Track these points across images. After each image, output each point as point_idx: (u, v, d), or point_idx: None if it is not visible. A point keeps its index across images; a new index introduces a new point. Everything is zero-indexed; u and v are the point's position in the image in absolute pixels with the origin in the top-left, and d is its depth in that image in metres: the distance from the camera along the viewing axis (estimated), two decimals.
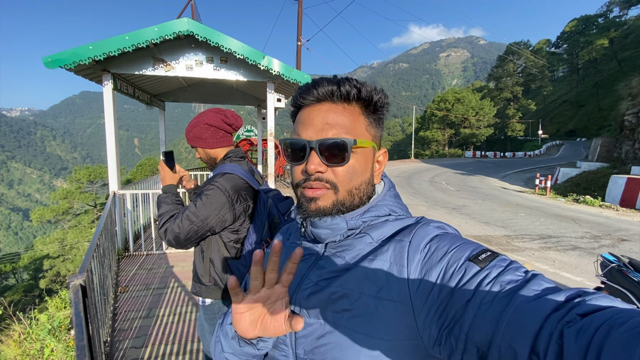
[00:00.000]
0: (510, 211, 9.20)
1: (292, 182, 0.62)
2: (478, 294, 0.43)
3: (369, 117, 0.61)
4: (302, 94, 0.60)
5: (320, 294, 0.57)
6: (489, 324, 0.40)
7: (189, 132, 1.53)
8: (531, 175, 18.27)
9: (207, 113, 1.52)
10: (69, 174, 31.54)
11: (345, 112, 0.58)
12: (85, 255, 2.16)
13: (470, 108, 47.64)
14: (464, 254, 0.48)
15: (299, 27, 12.08)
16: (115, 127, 4.82)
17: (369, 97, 0.59)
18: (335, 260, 0.59)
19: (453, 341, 0.44)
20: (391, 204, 0.63)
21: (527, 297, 0.39)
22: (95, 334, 1.95)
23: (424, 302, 0.48)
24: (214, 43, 4.65)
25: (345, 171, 0.58)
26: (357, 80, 0.60)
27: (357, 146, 0.57)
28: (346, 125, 0.58)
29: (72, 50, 4.19)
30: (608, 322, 0.32)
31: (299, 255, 0.49)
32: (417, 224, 0.58)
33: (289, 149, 0.60)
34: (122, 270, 4.32)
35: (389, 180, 0.69)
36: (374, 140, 0.62)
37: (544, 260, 5.26)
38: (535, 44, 59.05)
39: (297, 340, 0.58)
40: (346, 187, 0.58)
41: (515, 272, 0.44)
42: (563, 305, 0.37)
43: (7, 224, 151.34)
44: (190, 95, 8.08)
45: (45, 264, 24.42)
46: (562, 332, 0.34)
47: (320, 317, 0.55)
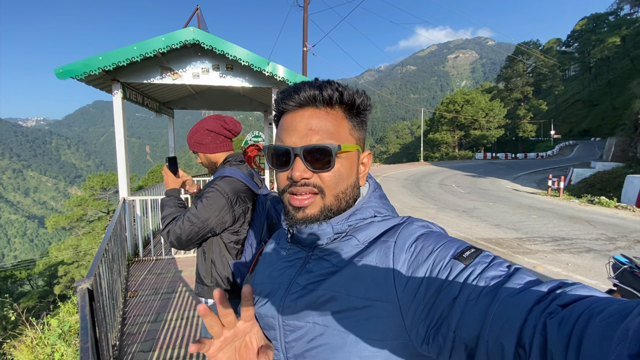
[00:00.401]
0: (522, 213, 9.03)
1: (278, 188, 0.62)
2: (464, 291, 0.43)
3: (352, 121, 0.61)
4: (284, 99, 0.59)
5: (308, 297, 0.57)
6: (476, 320, 0.41)
7: (190, 138, 1.59)
8: (544, 176, 17.91)
9: (207, 120, 1.58)
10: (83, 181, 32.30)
11: (328, 117, 0.58)
12: (93, 260, 2.21)
13: (480, 109, 47.12)
14: (448, 252, 0.49)
15: (304, 33, 12.19)
16: (125, 135, 4.92)
17: (352, 101, 0.59)
18: (323, 264, 0.59)
19: (441, 339, 0.44)
20: (376, 205, 0.62)
21: (511, 291, 0.40)
22: (103, 337, 1.98)
23: (411, 302, 0.48)
24: (219, 51, 4.73)
25: (332, 176, 0.57)
26: (339, 83, 0.59)
27: (342, 151, 0.57)
28: (330, 130, 0.57)
29: (82, 61, 4.32)
30: (587, 311, 0.33)
31: (247, 295, 0.52)
32: (401, 224, 0.57)
33: (274, 155, 0.60)
34: (131, 275, 4.38)
35: (373, 182, 0.68)
36: (358, 143, 0.62)
37: (556, 263, 5.13)
38: (545, 43, 58.26)
39: (288, 344, 0.58)
40: (333, 192, 0.58)
41: (498, 267, 0.45)
42: (545, 297, 0.38)
43: (23, 232, 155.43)
44: (199, 102, 8.22)
45: (60, 270, 24.96)
46: (545, 324, 0.35)
47: (310, 320, 0.56)
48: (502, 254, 5.56)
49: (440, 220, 8.25)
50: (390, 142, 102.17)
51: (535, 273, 4.75)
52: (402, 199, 11.70)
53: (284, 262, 0.65)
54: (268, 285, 0.65)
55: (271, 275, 0.66)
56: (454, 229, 7.35)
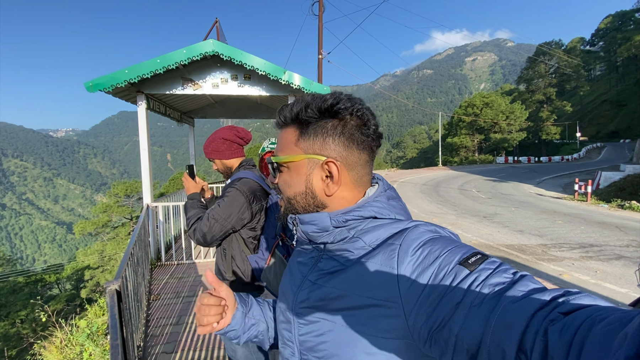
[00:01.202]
0: (546, 219, 8.71)
1: None
2: (467, 297, 0.44)
3: (303, 131, 0.63)
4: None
5: (317, 292, 0.61)
6: (479, 326, 0.42)
7: (208, 147, 1.77)
8: (570, 180, 17.20)
9: (222, 130, 1.77)
10: (108, 189, 33.59)
11: (282, 135, 0.68)
12: (120, 263, 2.31)
13: (500, 112, 45.86)
14: (454, 257, 0.49)
15: (319, 41, 12.35)
16: (149, 144, 5.13)
17: (294, 117, 0.65)
18: (332, 262, 0.63)
19: (443, 343, 0.45)
20: (379, 206, 0.62)
21: (514, 298, 0.41)
22: (129, 337, 2.07)
23: (414, 304, 0.50)
24: (237, 61, 4.88)
25: (280, 182, 0.69)
26: (292, 104, 0.65)
27: (282, 162, 0.66)
28: (280, 146, 0.68)
29: (110, 75, 4.56)
30: (589, 319, 0.33)
31: (209, 278, 0.73)
32: (408, 228, 0.59)
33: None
34: (154, 279, 4.52)
35: (384, 183, 0.70)
36: (310, 151, 0.62)
37: (584, 271, 4.92)
38: (568, 43, 56.28)
39: (300, 337, 0.63)
40: (286, 195, 0.68)
41: (503, 274, 0.45)
42: (547, 304, 0.38)
43: (52, 237, 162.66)
44: (218, 111, 8.45)
45: (86, 274, 25.91)
46: (546, 330, 0.35)
47: (320, 315, 0.60)
48: (525, 261, 5.38)
49: (460, 226, 8.07)
50: (408, 147, 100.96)
51: (562, 281, 4.57)
52: (420, 204, 11.53)
53: (300, 261, 0.70)
54: (287, 282, 0.71)
55: (290, 273, 0.72)
56: (475, 235, 7.18)
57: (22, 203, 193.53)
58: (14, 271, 29.81)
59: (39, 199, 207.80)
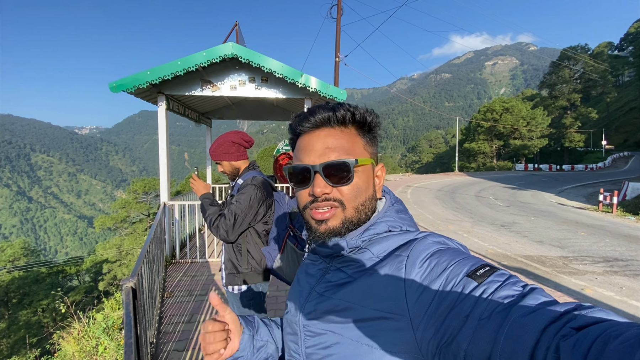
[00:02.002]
0: (568, 230, 8.38)
1: (299, 205, 0.65)
2: (476, 310, 0.43)
3: (365, 137, 0.65)
4: (301, 122, 0.64)
5: (324, 304, 0.61)
6: (488, 339, 0.40)
7: (217, 149, 1.88)
8: (594, 190, 16.55)
9: (230, 134, 1.91)
10: (128, 185, 34.58)
11: (343, 135, 0.62)
12: (137, 260, 2.36)
13: (521, 118, 44.58)
14: (462, 269, 0.49)
15: (337, 44, 12.36)
16: (167, 143, 5.25)
17: (363, 119, 0.63)
18: (339, 274, 0.62)
19: (451, 357, 0.44)
20: (391, 220, 0.64)
21: (524, 311, 0.40)
22: (142, 334, 2.11)
23: (422, 316, 0.49)
24: (255, 64, 4.94)
25: (351, 189, 0.61)
26: (350, 104, 0.63)
27: (359, 165, 0.61)
28: (345, 147, 0.61)
29: (132, 76, 4.70)
30: (604, 335, 0.32)
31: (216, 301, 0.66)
32: (416, 239, 0.58)
33: (294, 174, 0.64)
34: (168, 276, 4.61)
35: (391, 196, 0.70)
36: (372, 157, 0.65)
37: (608, 286, 4.70)
38: (595, 47, 54.29)
39: (307, 349, 0.62)
40: (353, 204, 0.61)
41: (512, 286, 0.44)
42: (559, 319, 0.37)
43: (74, 230, 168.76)
44: (235, 112, 8.57)
45: (105, 267, 26.74)
46: (558, 346, 0.34)
47: (327, 327, 0.59)
48: (545, 274, 5.19)
49: (476, 234, 7.88)
50: (423, 152, 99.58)
51: (584, 296, 4.37)
52: (435, 210, 11.33)
53: (309, 273, 0.70)
54: (295, 293, 0.70)
55: (298, 284, 0.71)
56: (491, 244, 6.98)
57: (47, 196, 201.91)
58: (37, 262, 31.08)
59: (63, 193, 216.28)
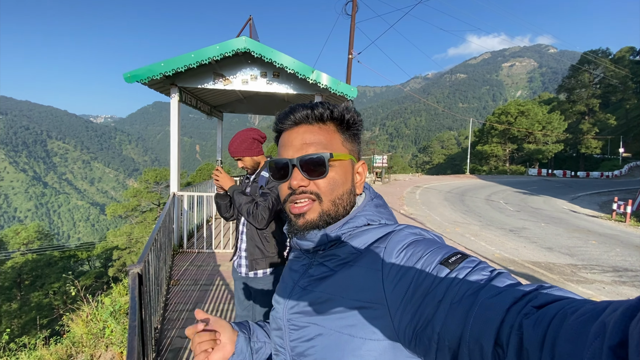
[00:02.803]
0: (579, 238, 8.22)
1: (281, 199, 0.68)
2: (448, 294, 0.45)
3: (344, 134, 0.67)
4: (281, 119, 0.67)
5: (307, 297, 0.63)
6: (458, 322, 0.43)
7: (240, 145, 2.02)
8: (608, 198, 16.14)
9: (248, 131, 2.07)
10: (140, 175, 35.20)
11: (320, 131, 0.64)
12: (144, 247, 2.42)
13: (536, 122, 43.61)
14: (436, 257, 0.51)
15: (350, 41, 12.29)
16: (179, 134, 5.33)
17: (341, 116, 0.65)
18: (321, 268, 0.64)
19: (426, 341, 0.46)
20: (370, 214, 0.66)
21: (490, 293, 0.42)
22: (147, 319, 2.17)
23: (399, 304, 0.51)
24: (267, 59, 4.96)
25: (327, 183, 0.63)
26: (329, 103, 0.66)
27: (334, 159, 0.63)
28: (323, 142, 0.63)
29: (146, 67, 4.77)
30: (562, 311, 0.34)
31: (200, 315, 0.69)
32: (393, 231, 0.60)
33: (275, 168, 0.66)
34: (175, 265, 4.70)
35: (370, 192, 0.72)
36: (352, 154, 0.68)
37: (616, 296, 4.60)
38: (616, 52, 52.61)
39: (292, 343, 0.64)
40: (329, 198, 0.63)
41: (481, 271, 0.47)
42: (521, 299, 0.39)
43: (86, 216, 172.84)
44: (246, 106, 8.64)
45: (115, 254, 27.37)
46: (521, 324, 0.36)
47: (309, 320, 0.61)
48: (552, 281, 5.11)
49: (483, 237, 7.79)
50: (435, 152, 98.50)
51: None
52: (443, 212, 11.23)
53: (292, 269, 0.72)
54: (280, 290, 0.72)
55: (283, 281, 0.73)
56: (498, 248, 6.91)
57: (62, 182, 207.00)
58: (51, 245, 31.99)
59: (77, 179, 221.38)
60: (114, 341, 3.20)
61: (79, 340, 3.78)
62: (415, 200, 13.68)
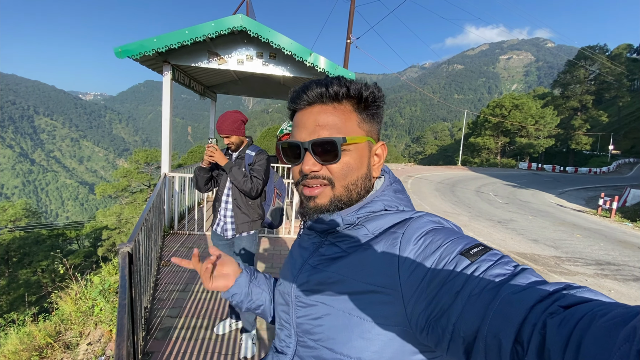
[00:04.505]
0: (564, 231, 8.43)
1: (293, 181, 0.66)
2: (467, 286, 0.44)
3: (362, 114, 0.62)
4: (294, 98, 0.63)
5: (317, 276, 0.61)
6: (477, 315, 0.41)
7: (230, 125, 2.24)
8: (595, 194, 16.51)
9: (237, 114, 2.30)
10: (130, 155, 34.64)
11: (335, 112, 0.60)
12: (134, 227, 2.39)
13: (530, 116, 43.95)
14: (456, 247, 0.50)
15: (349, 25, 12.04)
16: (171, 114, 5.21)
17: (359, 94, 0.61)
18: (333, 249, 0.63)
19: (440, 331, 0.45)
20: (388, 200, 0.64)
21: (514, 289, 0.40)
22: (137, 298, 2.16)
23: (414, 291, 0.50)
24: (264, 39, 4.82)
25: (340, 168, 0.60)
26: (346, 78, 0.61)
27: (349, 143, 0.59)
28: (337, 125, 0.60)
29: (138, 42, 4.60)
30: (590, 313, 0.33)
31: (196, 254, 0.76)
32: (412, 217, 0.59)
33: (287, 150, 0.64)
34: (166, 246, 4.68)
35: (390, 176, 0.70)
36: (370, 135, 0.64)
37: (597, 289, 4.76)
38: (614, 49, 52.77)
39: (298, 319, 0.63)
40: (342, 183, 0.61)
41: (504, 266, 0.45)
42: (547, 297, 0.38)
43: (75, 195, 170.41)
44: (241, 88, 8.45)
45: (104, 234, 27.14)
46: (545, 323, 0.35)
47: (318, 299, 0.60)
48: (536, 272, 5.25)
49: (472, 228, 7.92)
50: (428, 143, 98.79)
51: None
52: (433, 202, 11.36)
53: (302, 246, 0.70)
54: (288, 265, 0.72)
55: (292, 257, 0.72)
56: (486, 239, 7.04)
57: (49, 160, 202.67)
58: (38, 223, 31.55)
59: (65, 158, 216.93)
60: (103, 319, 3.19)
61: (67, 318, 3.76)
62: (407, 190, 13.77)
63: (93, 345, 3.15)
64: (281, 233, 5.53)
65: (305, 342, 0.62)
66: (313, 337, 0.60)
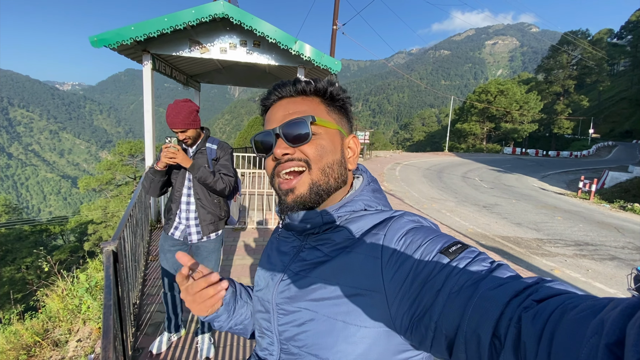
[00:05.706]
0: (546, 214, 8.71)
1: (269, 176, 0.65)
2: (447, 284, 0.45)
3: (329, 106, 0.66)
4: (267, 96, 0.67)
5: (299, 283, 0.60)
6: (457, 312, 0.43)
7: (186, 118, 1.96)
8: (575, 177, 17.04)
9: (189, 103, 2.01)
10: (113, 147, 33.71)
11: (304, 102, 0.63)
12: (119, 224, 2.34)
13: (514, 101, 44.65)
14: (436, 246, 0.50)
15: (335, 11, 11.83)
16: (153, 105, 5.06)
17: (324, 89, 0.64)
18: (315, 253, 0.62)
19: (423, 329, 0.46)
20: (367, 199, 0.64)
21: (490, 285, 0.42)
22: (125, 295, 2.14)
23: (397, 292, 0.50)
24: (247, 26, 4.70)
25: (314, 149, 0.61)
26: (312, 79, 0.65)
27: (318, 124, 0.60)
28: (306, 111, 0.62)
29: (115, 30, 4.42)
30: (562, 306, 0.34)
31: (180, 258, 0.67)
32: (392, 217, 0.59)
33: (259, 143, 0.64)
34: (153, 241, 4.63)
35: (367, 175, 0.70)
36: (339, 125, 0.66)
37: (576, 268, 4.97)
38: (595, 34, 53.64)
39: (280, 327, 0.62)
40: (318, 165, 0.61)
41: (482, 262, 0.47)
42: (522, 292, 0.39)
43: (57, 190, 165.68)
44: (225, 77, 8.27)
45: (90, 228, 26.60)
46: (520, 317, 0.37)
47: (301, 305, 0.59)
48: (519, 254, 5.43)
49: (458, 213, 8.10)
50: (415, 130, 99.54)
51: (553, 277, 4.63)
52: (421, 188, 11.52)
53: (281, 250, 0.69)
54: (267, 271, 0.69)
55: (269, 262, 0.70)
56: (472, 223, 7.22)
57: (28, 154, 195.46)
58: (20, 219, 30.64)
59: (45, 151, 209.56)
60: (91, 317, 3.16)
61: (55, 315, 3.71)
62: (395, 177, 13.92)
63: (83, 342, 3.12)
64: (270, 224, 5.53)
65: (289, 349, 0.60)
66: (297, 344, 0.59)
